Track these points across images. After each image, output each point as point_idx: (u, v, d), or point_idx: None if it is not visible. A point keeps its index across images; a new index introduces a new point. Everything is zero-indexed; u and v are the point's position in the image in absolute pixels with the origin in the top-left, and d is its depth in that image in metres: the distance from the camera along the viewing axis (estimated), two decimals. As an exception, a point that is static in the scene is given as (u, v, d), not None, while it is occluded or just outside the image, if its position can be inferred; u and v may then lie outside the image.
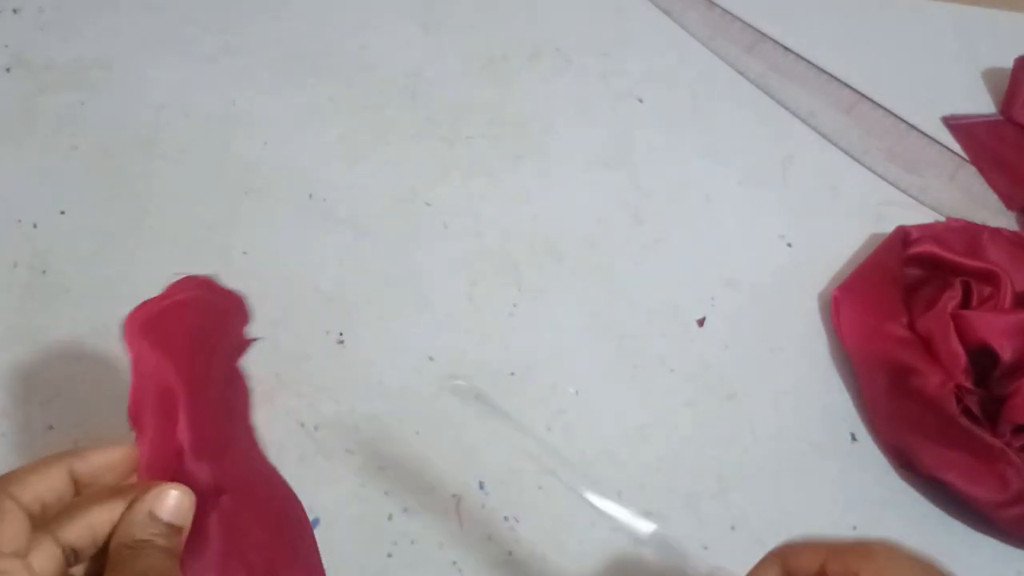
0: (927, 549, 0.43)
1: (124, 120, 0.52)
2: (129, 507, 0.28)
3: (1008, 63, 0.62)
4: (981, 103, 0.62)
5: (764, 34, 0.63)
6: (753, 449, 0.46)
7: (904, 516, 0.45)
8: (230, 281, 0.47)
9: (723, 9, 0.64)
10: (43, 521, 0.27)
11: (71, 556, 0.28)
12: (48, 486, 0.28)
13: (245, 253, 0.48)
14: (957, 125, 0.60)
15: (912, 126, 0.60)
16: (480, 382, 0.45)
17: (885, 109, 0.60)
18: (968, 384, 0.45)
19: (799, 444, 0.46)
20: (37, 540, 0.27)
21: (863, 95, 0.61)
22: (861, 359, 0.48)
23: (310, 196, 0.51)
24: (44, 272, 0.46)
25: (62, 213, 0.48)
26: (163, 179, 0.50)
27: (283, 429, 0.42)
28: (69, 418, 0.42)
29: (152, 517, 0.28)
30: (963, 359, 0.46)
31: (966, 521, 0.44)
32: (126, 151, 0.51)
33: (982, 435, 0.44)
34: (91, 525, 0.28)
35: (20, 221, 0.48)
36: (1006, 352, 0.46)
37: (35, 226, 0.48)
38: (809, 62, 0.62)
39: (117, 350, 0.44)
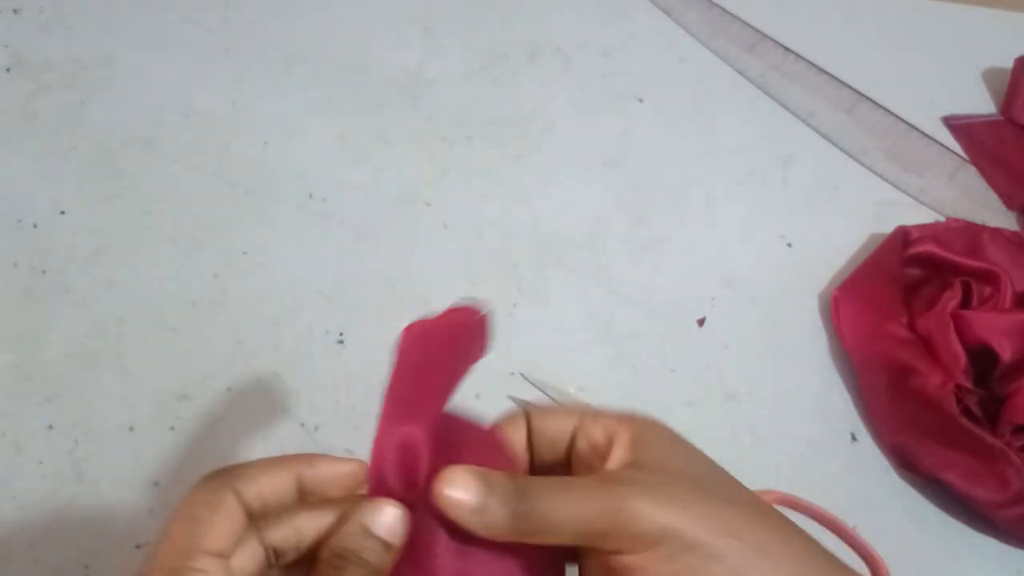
0: (927, 549, 0.44)
1: (124, 120, 0.52)
2: (345, 517, 0.28)
3: (1008, 63, 0.62)
4: (981, 103, 0.62)
5: (764, 34, 0.63)
6: (753, 449, 0.46)
7: (904, 516, 0.45)
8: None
9: (723, 9, 0.64)
10: (258, 520, 0.27)
11: (272, 557, 0.27)
12: (274, 487, 0.27)
13: (245, 253, 0.48)
14: (957, 125, 0.60)
15: (912, 126, 0.60)
16: (480, 382, 0.46)
17: (885, 109, 0.60)
18: (968, 384, 0.45)
19: (799, 444, 0.46)
20: (244, 538, 0.27)
21: (863, 95, 0.61)
22: (861, 359, 0.48)
23: (310, 196, 0.51)
24: (44, 272, 0.46)
25: (62, 213, 0.48)
26: (163, 179, 0.50)
27: (283, 429, 0.42)
28: (69, 418, 0.42)
29: (365, 530, 0.27)
30: (963, 359, 0.46)
31: (966, 521, 0.44)
32: (126, 151, 0.51)
33: (982, 435, 0.44)
34: (297, 529, 0.27)
35: (20, 221, 0.48)
36: (1006, 352, 0.46)
37: (35, 226, 0.48)
38: (809, 62, 0.62)
39: (117, 350, 0.44)
